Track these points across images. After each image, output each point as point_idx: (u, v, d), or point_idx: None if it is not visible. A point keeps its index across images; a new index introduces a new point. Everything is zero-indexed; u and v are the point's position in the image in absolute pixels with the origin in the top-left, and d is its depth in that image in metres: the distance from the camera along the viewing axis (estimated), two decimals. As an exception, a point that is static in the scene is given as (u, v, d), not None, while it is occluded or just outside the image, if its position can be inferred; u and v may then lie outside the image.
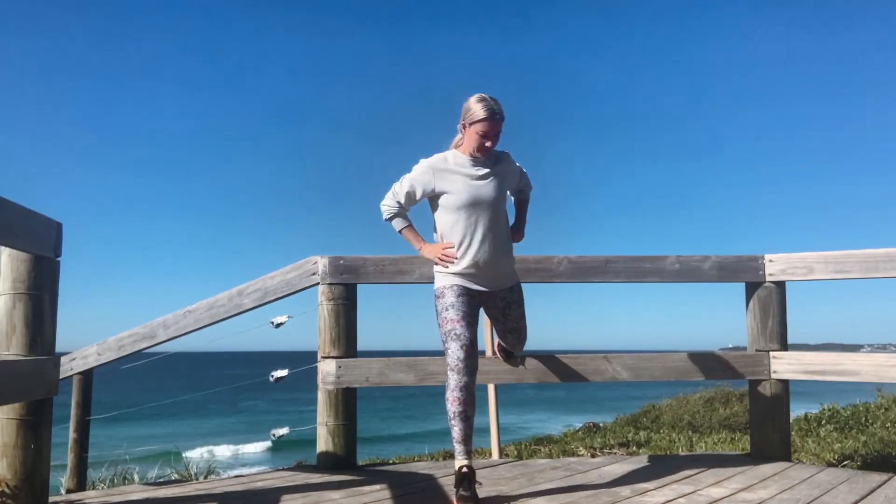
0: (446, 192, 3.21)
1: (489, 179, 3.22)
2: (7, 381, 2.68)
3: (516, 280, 3.47)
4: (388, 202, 3.34)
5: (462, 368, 3.04)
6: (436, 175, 3.22)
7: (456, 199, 3.19)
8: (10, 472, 2.93)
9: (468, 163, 3.24)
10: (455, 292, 3.20)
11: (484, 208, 3.19)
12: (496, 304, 3.41)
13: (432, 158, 3.28)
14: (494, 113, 3.13)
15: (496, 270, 3.28)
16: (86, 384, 4.33)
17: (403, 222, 3.36)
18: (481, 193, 3.19)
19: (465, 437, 3.05)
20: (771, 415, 4.16)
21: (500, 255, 3.26)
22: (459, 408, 3.04)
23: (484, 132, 3.14)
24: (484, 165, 3.25)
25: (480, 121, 3.13)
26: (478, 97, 3.16)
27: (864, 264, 3.94)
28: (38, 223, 2.90)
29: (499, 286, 3.35)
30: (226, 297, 4.08)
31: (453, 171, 3.22)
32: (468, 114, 3.17)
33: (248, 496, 3.35)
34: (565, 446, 6.85)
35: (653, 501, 3.13)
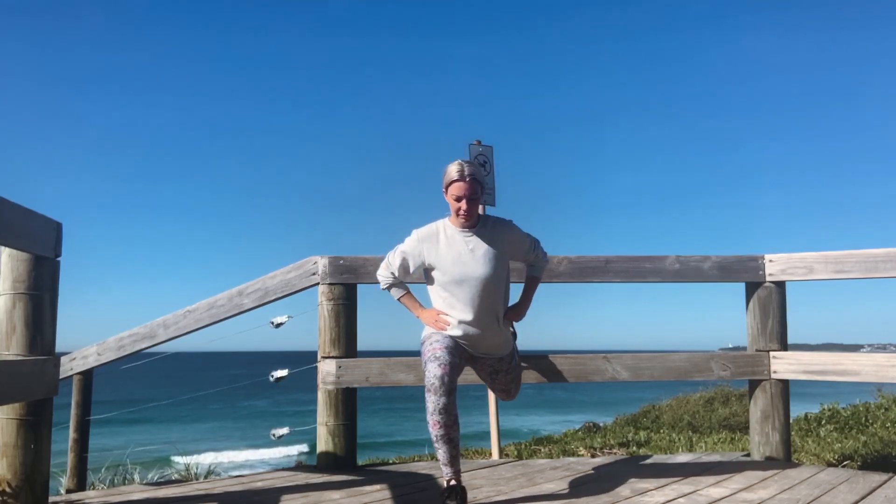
0: (435, 268, 3.16)
1: (480, 254, 3.13)
2: (7, 381, 2.68)
3: (510, 349, 3.40)
4: (383, 273, 3.32)
5: (438, 387, 2.92)
6: (425, 250, 3.17)
7: (444, 275, 3.14)
8: (10, 472, 2.93)
9: (458, 235, 3.16)
10: (443, 335, 3.16)
11: (473, 284, 3.11)
12: (484, 368, 3.38)
13: (423, 230, 3.22)
14: (465, 174, 3.07)
15: (485, 343, 3.22)
16: (86, 384, 4.33)
17: (400, 291, 3.33)
18: (469, 270, 3.11)
19: (452, 459, 2.99)
20: (771, 415, 4.16)
21: (489, 330, 3.18)
22: (441, 431, 2.95)
23: (457, 195, 3.08)
24: (477, 236, 3.17)
25: (452, 182, 3.08)
26: (453, 162, 3.12)
27: (864, 264, 3.94)
28: (38, 223, 2.90)
29: (489, 355, 3.31)
30: (226, 297, 4.08)
31: (443, 246, 3.16)
32: (444, 177, 3.13)
33: (248, 496, 3.35)
34: (565, 446, 6.86)
35: (653, 501, 3.13)
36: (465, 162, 3.13)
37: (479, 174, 3.14)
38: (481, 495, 3.26)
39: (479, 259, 3.13)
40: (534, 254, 3.36)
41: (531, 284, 3.42)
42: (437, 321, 3.19)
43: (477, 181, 3.11)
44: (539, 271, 3.42)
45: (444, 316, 3.18)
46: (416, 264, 3.21)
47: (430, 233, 3.20)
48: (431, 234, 3.20)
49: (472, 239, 3.16)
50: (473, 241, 3.16)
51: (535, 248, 3.36)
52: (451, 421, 2.96)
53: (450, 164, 3.13)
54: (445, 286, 3.15)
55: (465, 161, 3.14)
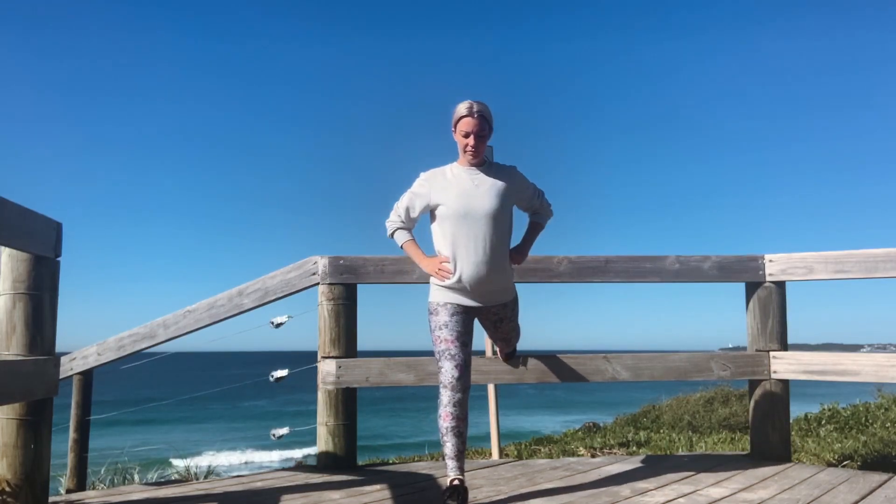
0: (440, 204, 3.18)
1: (485, 189, 3.16)
2: (7, 381, 2.68)
3: (513, 295, 3.40)
4: (391, 218, 3.34)
5: (455, 385, 3.02)
6: (432, 187, 3.21)
7: (448, 209, 3.15)
8: (10, 472, 2.93)
9: (464, 172, 3.21)
10: (448, 311, 3.16)
11: (477, 219, 3.12)
12: (488, 317, 3.38)
13: (430, 171, 3.28)
14: (474, 111, 3.12)
15: (488, 286, 3.20)
16: (86, 384, 4.33)
17: (405, 236, 3.34)
18: (474, 204, 3.13)
19: (458, 453, 3.02)
20: (771, 415, 4.16)
21: (493, 270, 3.17)
22: (452, 423, 3.00)
23: (465, 131, 3.13)
24: (483, 174, 3.21)
25: (461, 118, 3.14)
26: (464, 101, 3.17)
27: (864, 264, 3.94)
28: (38, 223, 2.90)
29: (492, 302, 3.28)
30: (226, 297, 4.08)
31: (449, 182, 3.20)
32: (453, 116, 3.18)
33: (248, 496, 3.35)
34: (565, 446, 6.85)
35: (653, 501, 3.13)
36: (474, 101, 3.17)
37: (487, 112, 3.18)
38: (481, 495, 3.26)
39: (484, 194, 3.16)
40: (538, 201, 3.40)
41: (533, 229, 3.46)
42: (440, 271, 3.19)
43: (485, 118, 3.16)
44: (543, 218, 3.46)
45: (446, 264, 3.17)
46: (423, 203, 3.23)
47: (435, 172, 3.27)
48: (437, 172, 3.26)
49: (477, 176, 3.21)
50: (479, 177, 3.20)
51: (540, 196, 3.40)
52: (462, 415, 3.03)
53: (459, 104, 3.17)
54: (450, 221, 3.15)
55: (473, 100, 3.17)
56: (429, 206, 3.22)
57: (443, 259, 3.19)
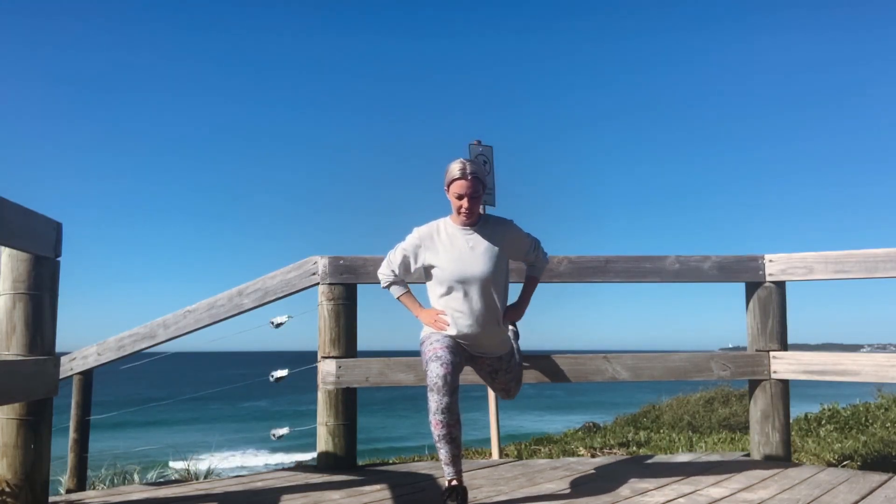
0: (435, 266, 3.15)
1: (480, 252, 3.13)
2: (7, 381, 2.68)
3: (509, 347, 3.39)
4: (384, 271, 3.31)
5: (441, 387, 2.93)
6: (426, 248, 3.18)
7: (443, 273, 3.13)
8: (10, 472, 2.93)
9: (458, 233, 3.17)
10: (442, 335, 3.15)
11: (472, 283, 3.10)
12: (483, 367, 3.37)
13: (423, 229, 3.23)
14: (467, 172, 3.07)
15: (484, 343, 3.22)
16: (86, 384, 4.33)
17: (400, 290, 3.32)
18: (470, 268, 3.10)
19: (454, 458, 2.99)
20: (771, 415, 4.15)
21: (488, 330, 3.17)
22: (443, 431, 2.96)
23: (459, 193, 3.09)
24: (478, 234, 3.17)
25: (454, 181, 3.09)
26: (455, 161, 3.13)
27: (864, 264, 3.94)
28: (38, 223, 2.90)
29: (488, 354, 3.30)
30: (226, 297, 4.08)
31: (443, 244, 3.16)
32: (446, 175, 3.14)
33: (247, 496, 3.35)
34: (565, 446, 6.85)
35: (653, 501, 3.13)
36: (467, 160, 3.13)
37: (480, 173, 3.15)
38: (481, 495, 3.26)
39: (480, 257, 3.13)
40: (534, 254, 3.36)
41: (530, 284, 3.42)
42: (437, 321, 3.18)
43: (479, 179, 3.12)
44: (539, 272, 3.42)
45: (443, 316, 3.17)
46: (417, 262, 3.21)
47: (430, 231, 3.21)
48: (432, 231, 3.20)
49: (472, 237, 3.16)
50: (474, 239, 3.16)
51: (536, 248, 3.36)
52: (453, 420, 2.96)
53: (452, 163, 3.14)
54: (445, 284, 3.14)
55: (467, 160, 3.15)
56: (423, 265, 3.20)
57: (440, 311, 3.19)
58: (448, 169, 3.13)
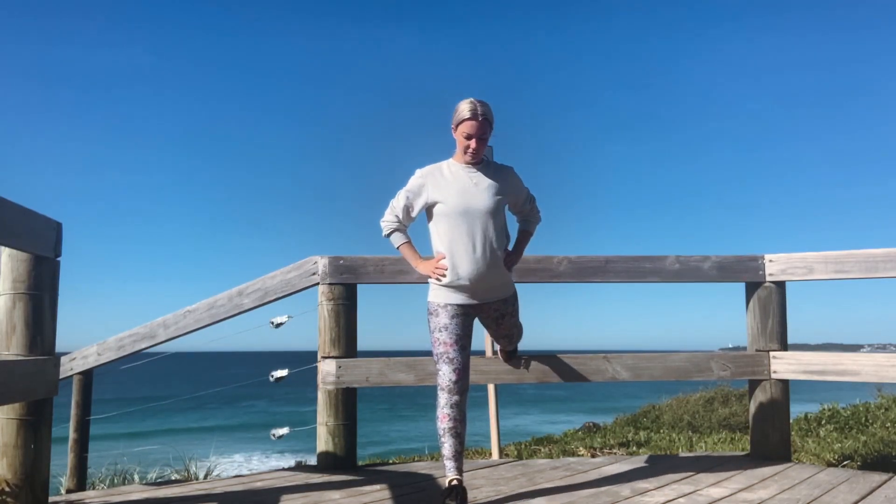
0: (438, 201, 3.16)
1: (483, 187, 3.15)
2: (7, 381, 2.68)
3: (511, 290, 3.38)
4: (386, 218, 3.32)
5: (453, 388, 3.05)
6: (429, 184, 3.19)
7: (446, 207, 3.14)
8: (10, 472, 2.93)
9: (462, 170, 3.20)
10: (448, 313, 3.15)
11: (476, 217, 3.12)
12: (489, 314, 3.35)
13: (426, 168, 3.25)
14: (478, 113, 3.10)
15: (488, 282, 3.18)
16: (86, 384, 4.33)
17: (402, 238, 3.33)
18: (473, 201, 3.12)
19: (456, 454, 3.02)
20: (771, 415, 4.15)
21: (492, 266, 3.16)
22: (449, 424, 3.02)
23: (468, 133, 3.12)
24: (480, 173, 3.20)
25: (464, 121, 3.12)
26: (466, 100, 3.14)
27: (864, 264, 3.94)
28: (38, 223, 2.90)
29: (491, 298, 3.27)
30: (226, 297, 4.08)
31: (447, 179, 3.18)
32: (455, 115, 3.16)
33: (248, 496, 3.35)
34: (565, 446, 6.85)
35: (653, 501, 3.13)
36: (477, 101, 3.15)
37: (490, 114, 3.17)
38: (481, 495, 3.26)
39: (483, 192, 3.16)
40: (529, 205, 3.39)
41: (523, 237, 3.45)
42: (436, 269, 3.17)
43: (488, 121, 3.15)
44: (532, 226, 3.45)
45: (443, 261, 3.16)
46: (421, 201, 3.21)
47: (433, 169, 3.25)
48: (435, 169, 3.24)
49: (475, 174, 3.20)
50: (477, 176, 3.20)
51: (531, 201, 3.40)
52: (460, 417, 3.03)
53: (461, 102, 3.15)
54: (448, 219, 3.14)
55: (477, 100, 3.15)
56: (427, 203, 3.21)
57: (439, 257, 3.18)
58: (457, 108, 3.15)
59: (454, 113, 3.17)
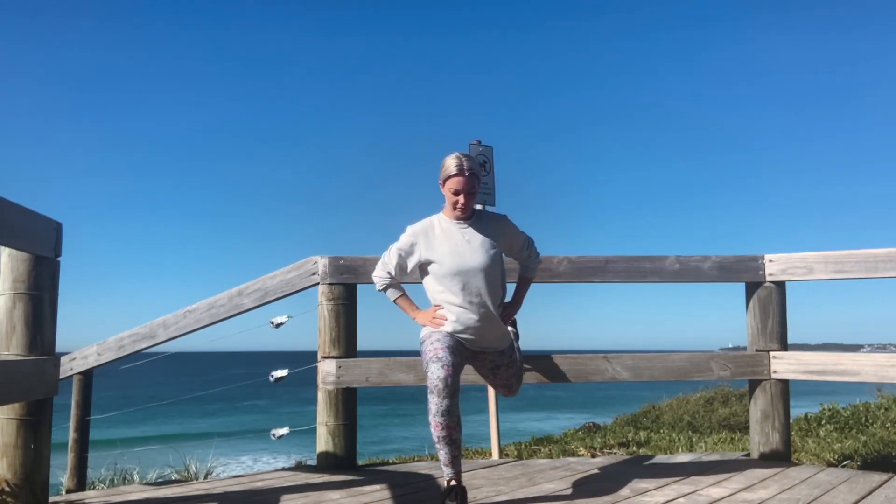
0: (432, 261, 3.15)
1: (476, 245, 3.13)
2: (7, 381, 2.68)
3: (509, 342, 3.38)
4: (379, 273, 3.30)
5: (441, 389, 2.91)
6: (421, 243, 3.17)
7: (441, 267, 3.12)
8: (10, 472, 2.93)
9: (454, 227, 3.17)
10: (443, 334, 3.14)
11: (471, 275, 3.10)
12: (484, 363, 3.35)
13: (418, 225, 3.23)
14: (464, 168, 3.07)
15: (485, 336, 3.20)
16: (86, 384, 4.33)
17: (397, 292, 3.32)
18: (467, 260, 3.10)
19: (453, 460, 2.98)
20: (771, 415, 4.15)
21: (488, 323, 3.16)
22: (443, 433, 2.95)
23: (455, 189, 3.09)
24: (473, 228, 3.17)
25: (451, 177, 3.09)
26: (451, 156, 3.12)
27: (864, 264, 3.94)
28: (38, 223, 2.90)
29: (489, 349, 3.29)
30: (226, 297, 4.08)
31: (439, 239, 3.16)
32: (441, 171, 3.14)
33: (248, 496, 3.35)
34: (565, 446, 6.84)
35: (653, 501, 3.13)
36: (463, 156, 3.13)
37: (476, 168, 3.15)
38: (481, 495, 3.26)
39: (476, 249, 3.13)
40: (527, 251, 3.37)
41: (523, 285, 3.43)
42: (434, 319, 3.17)
43: (475, 175, 3.13)
44: (531, 272, 3.42)
45: (441, 312, 3.17)
46: (413, 260, 3.20)
47: (425, 227, 3.21)
48: (427, 227, 3.21)
49: (467, 230, 3.17)
50: (469, 232, 3.17)
51: (529, 246, 3.37)
52: (453, 423, 2.95)
53: (447, 158, 3.13)
54: (443, 278, 3.14)
55: (462, 154, 3.14)
56: (420, 262, 3.19)
57: (436, 308, 3.19)
58: (444, 164, 3.13)
59: (441, 169, 3.14)
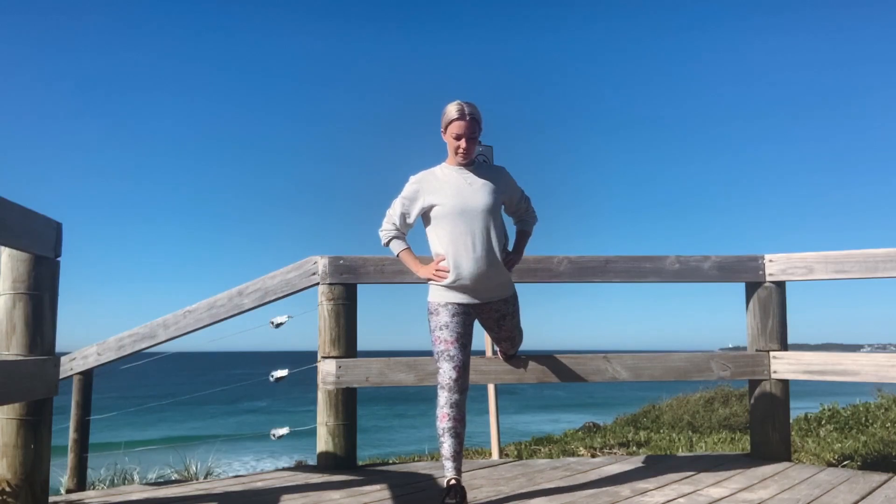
0: (435, 204, 3.17)
1: (478, 186, 3.17)
2: (7, 381, 2.68)
3: (512, 290, 3.39)
4: (384, 227, 3.33)
5: (453, 387, 3.03)
6: (423, 188, 3.21)
7: (443, 208, 3.15)
8: (10, 472, 2.93)
9: (455, 172, 3.21)
10: (449, 311, 3.16)
11: (473, 216, 3.12)
12: (490, 315, 3.36)
13: (419, 174, 3.27)
14: (465, 113, 3.12)
15: (488, 281, 3.19)
16: (86, 384, 4.32)
17: (401, 245, 3.34)
18: (469, 200, 3.13)
19: (455, 454, 3.01)
20: (771, 415, 4.15)
21: (492, 265, 3.16)
22: (449, 423, 3.00)
23: (457, 133, 3.14)
24: (473, 173, 3.22)
25: (452, 121, 3.14)
26: (452, 102, 3.17)
27: (864, 264, 3.94)
28: (38, 223, 2.90)
29: (492, 297, 3.28)
30: (226, 297, 4.08)
31: (441, 182, 3.20)
32: (443, 118, 3.18)
33: (248, 496, 3.35)
34: (565, 446, 6.85)
35: (653, 501, 3.13)
36: (464, 102, 3.17)
37: (477, 114, 3.18)
38: (481, 495, 3.26)
39: (478, 191, 3.17)
40: (524, 205, 3.40)
41: (522, 237, 3.46)
42: (437, 272, 3.18)
43: (476, 120, 3.16)
44: (529, 226, 3.46)
45: (443, 264, 3.17)
46: (417, 206, 3.22)
47: (426, 173, 3.27)
48: (428, 174, 3.26)
49: (469, 175, 3.22)
50: (471, 176, 3.21)
51: (527, 200, 3.41)
52: (460, 416, 3.03)
53: (449, 104, 3.17)
54: (446, 220, 3.15)
55: (464, 102, 3.17)
56: (423, 208, 3.21)
57: (439, 259, 3.19)
58: (445, 111, 3.17)
59: (442, 116, 3.19)
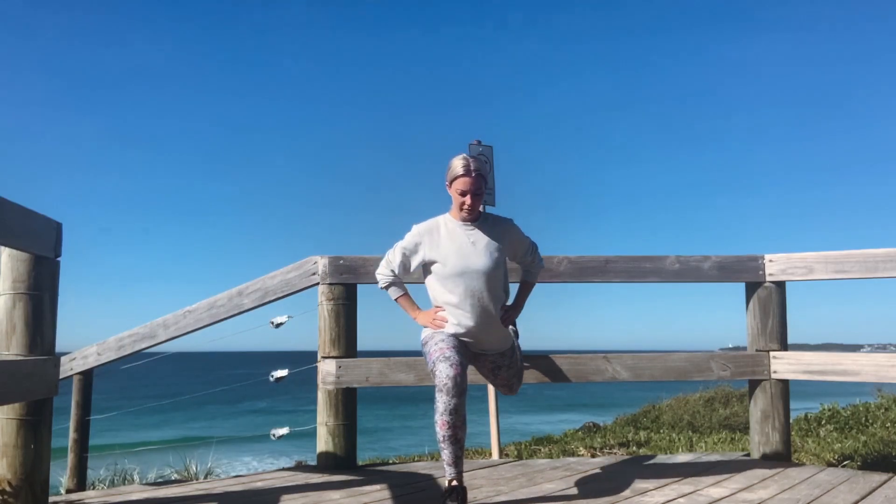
0: (436, 261, 3.16)
1: (481, 247, 3.14)
2: (7, 381, 2.68)
3: (510, 344, 3.39)
4: (382, 271, 3.31)
5: (451, 388, 2.92)
6: (426, 243, 3.18)
7: (444, 268, 3.13)
8: (10, 472, 2.93)
9: (459, 228, 3.18)
10: (447, 334, 3.15)
11: (474, 277, 3.11)
12: (485, 364, 3.37)
13: (423, 225, 3.24)
14: (471, 170, 3.10)
15: (486, 337, 3.22)
16: (86, 384, 4.33)
17: (399, 291, 3.33)
18: (471, 262, 3.11)
19: (456, 460, 2.98)
20: (771, 415, 4.15)
21: (490, 324, 3.18)
22: (449, 432, 2.95)
23: (462, 189, 3.11)
24: (479, 230, 3.19)
25: (458, 177, 3.11)
26: (458, 157, 3.15)
27: (864, 264, 3.94)
28: (38, 223, 2.90)
29: (490, 351, 3.30)
30: (226, 297, 4.08)
31: (444, 239, 3.17)
32: (448, 172, 3.16)
33: (248, 496, 3.35)
34: (565, 446, 6.85)
35: (653, 501, 3.12)
36: (469, 157, 3.16)
37: (483, 170, 3.18)
38: (481, 495, 3.26)
39: (481, 252, 3.14)
40: (531, 256, 3.38)
41: (525, 289, 3.44)
42: (435, 321, 3.19)
43: (482, 177, 3.15)
44: (533, 276, 3.44)
45: (441, 313, 3.18)
46: (417, 259, 3.21)
47: (430, 226, 3.22)
48: (432, 227, 3.22)
49: (473, 232, 3.18)
50: (475, 234, 3.18)
51: (533, 251, 3.38)
52: (459, 422, 2.96)
53: (454, 159, 3.16)
54: (446, 279, 3.14)
55: (469, 156, 3.16)
56: (424, 261, 3.20)
57: (437, 309, 3.20)
58: (450, 165, 3.15)
59: (447, 170, 3.17)
